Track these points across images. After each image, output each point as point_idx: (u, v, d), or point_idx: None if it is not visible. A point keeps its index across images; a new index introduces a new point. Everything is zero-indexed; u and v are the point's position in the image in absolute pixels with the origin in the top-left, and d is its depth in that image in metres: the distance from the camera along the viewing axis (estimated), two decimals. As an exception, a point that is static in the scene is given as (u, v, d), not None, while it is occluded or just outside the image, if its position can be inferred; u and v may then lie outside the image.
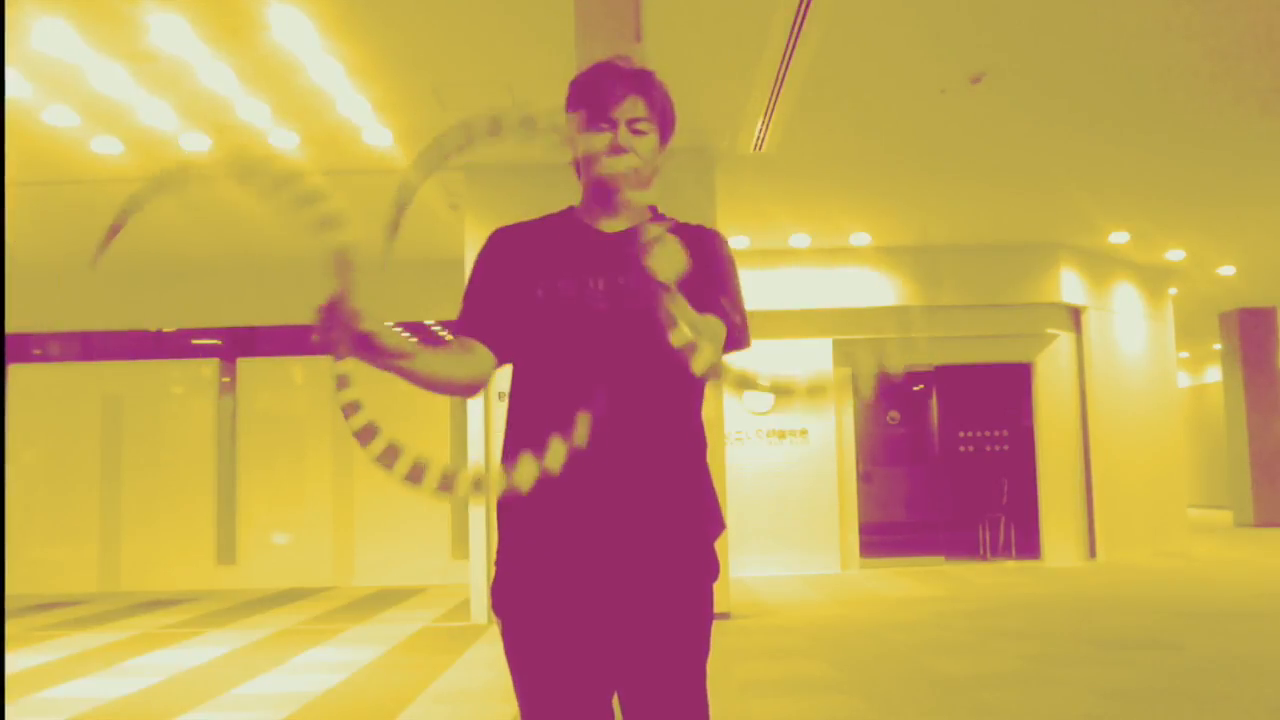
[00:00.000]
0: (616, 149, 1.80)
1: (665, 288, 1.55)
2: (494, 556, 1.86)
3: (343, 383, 1.47)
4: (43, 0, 5.04)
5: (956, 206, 9.37)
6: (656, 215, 1.93)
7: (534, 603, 1.75)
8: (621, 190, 1.83)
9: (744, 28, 5.58)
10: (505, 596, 1.78)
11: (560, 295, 1.76)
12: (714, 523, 1.84)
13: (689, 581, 1.78)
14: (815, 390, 1.60)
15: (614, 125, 1.81)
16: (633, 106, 1.81)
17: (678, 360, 1.83)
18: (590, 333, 1.73)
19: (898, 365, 1.62)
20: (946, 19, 5.66)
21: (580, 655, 1.73)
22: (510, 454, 1.82)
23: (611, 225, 1.86)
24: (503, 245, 1.87)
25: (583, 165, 1.86)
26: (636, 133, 1.82)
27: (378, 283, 1.77)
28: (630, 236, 1.85)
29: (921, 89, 6.57)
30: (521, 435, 1.81)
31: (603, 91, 1.81)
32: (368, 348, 1.45)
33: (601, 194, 1.85)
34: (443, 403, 10.34)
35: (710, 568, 1.80)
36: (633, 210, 1.87)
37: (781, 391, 1.55)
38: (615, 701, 1.80)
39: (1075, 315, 11.10)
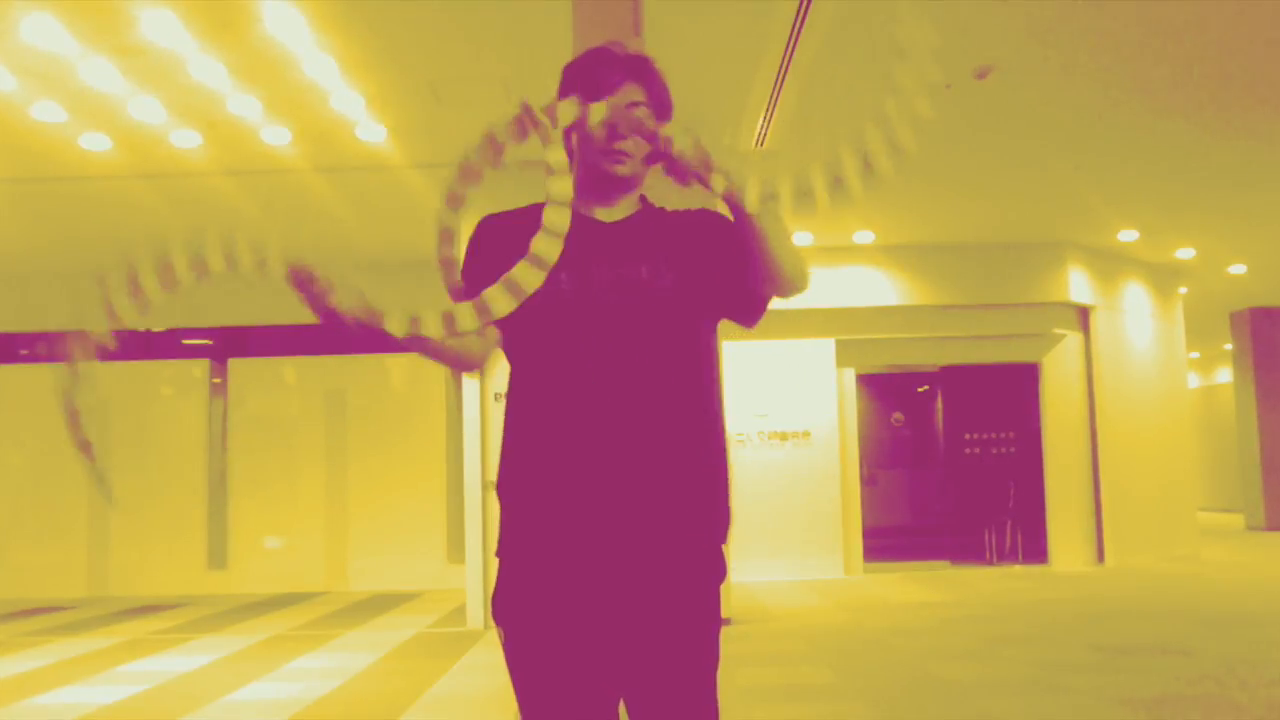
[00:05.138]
0: (615, 138, 1.72)
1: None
2: (491, 560, 1.77)
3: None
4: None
5: (962, 204, 9.27)
6: (646, 205, 1.85)
7: (538, 612, 1.67)
8: (620, 179, 1.75)
9: (746, 22, 5.49)
10: (507, 606, 1.71)
11: (561, 289, 1.66)
12: (725, 524, 1.77)
13: (698, 585, 1.71)
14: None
15: None
16: (629, 93, 1.75)
17: (687, 354, 1.73)
18: (595, 327, 1.66)
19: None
20: (951, 12, 5.56)
21: (586, 665, 1.67)
22: (510, 457, 1.74)
23: (608, 215, 1.78)
24: (493, 233, 1.79)
25: (576, 153, 1.78)
26: None
27: (377, 282, 1.68)
28: (630, 226, 1.77)
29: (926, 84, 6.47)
30: (524, 435, 1.73)
31: (598, 78, 1.75)
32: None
33: (597, 183, 1.77)
34: (440, 403, 10.27)
35: (718, 570, 1.74)
36: (628, 199, 1.80)
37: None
38: (622, 709, 1.74)
39: (1083, 315, 10.97)
